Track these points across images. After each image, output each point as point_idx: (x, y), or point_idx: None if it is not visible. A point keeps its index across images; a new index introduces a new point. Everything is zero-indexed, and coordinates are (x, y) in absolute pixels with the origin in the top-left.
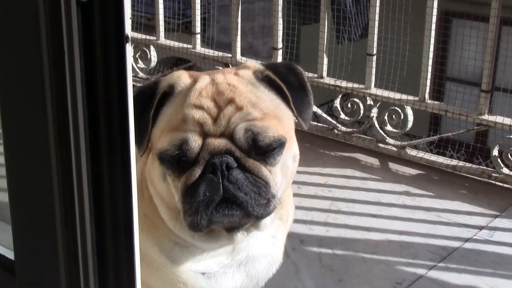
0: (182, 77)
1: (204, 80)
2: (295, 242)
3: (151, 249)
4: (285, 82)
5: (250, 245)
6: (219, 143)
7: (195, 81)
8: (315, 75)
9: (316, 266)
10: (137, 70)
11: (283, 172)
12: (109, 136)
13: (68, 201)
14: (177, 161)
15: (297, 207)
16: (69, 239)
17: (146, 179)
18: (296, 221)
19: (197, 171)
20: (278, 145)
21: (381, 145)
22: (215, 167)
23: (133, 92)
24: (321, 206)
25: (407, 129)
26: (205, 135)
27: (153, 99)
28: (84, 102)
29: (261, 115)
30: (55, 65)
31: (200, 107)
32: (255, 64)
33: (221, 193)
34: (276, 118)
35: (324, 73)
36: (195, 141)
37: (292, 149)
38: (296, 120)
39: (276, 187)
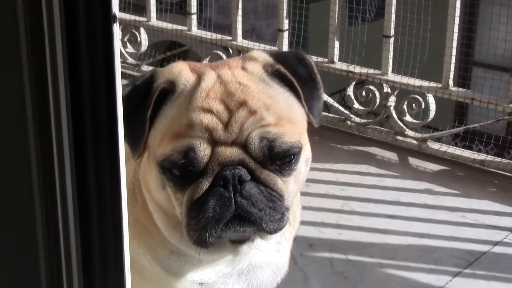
0: (184, 73)
1: (210, 77)
2: (303, 246)
3: (143, 257)
4: (296, 75)
5: (253, 253)
6: (231, 152)
7: (199, 78)
8: (326, 60)
9: (327, 273)
10: (126, 55)
11: (296, 179)
12: (95, 131)
13: (50, 204)
14: (181, 171)
15: (306, 208)
16: (51, 245)
17: (140, 182)
18: (304, 223)
19: (205, 184)
20: (295, 153)
21: (399, 137)
22: (227, 181)
23: (127, 87)
24: (332, 206)
25: (429, 119)
26: (214, 142)
27: (150, 96)
28: (67, 91)
29: (275, 120)
30: (33, 48)
31: (208, 111)
32: (263, 55)
33: (233, 210)
34: (291, 120)
35: (336, 58)
36: (203, 150)
37: (305, 152)
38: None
39: (289, 197)
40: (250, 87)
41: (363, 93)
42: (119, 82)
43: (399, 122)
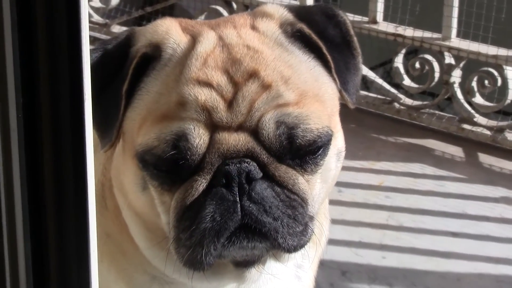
0: (172, 32)
1: (208, 39)
2: (334, 274)
3: (115, 285)
4: (324, 38)
5: (263, 281)
6: (236, 140)
7: (193, 40)
8: (365, 19)
9: None
10: (90, 11)
11: (323, 178)
12: (54, 114)
13: None
14: (169, 165)
15: (337, 222)
16: None
17: (111, 182)
18: (335, 242)
19: (201, 183)
20: (323, 144)
21: (466, 126)
22: (230, 178)
23: (94, 52)
24: (373, 220)
25: (508, 101)
26: (214, 127)
27: (127, 65)
28: (16, 57)
29: (297, 97)
30: None
31: (206, 84)
32: (280, 11)
33: (239, 218)
34: (317, 98)
35: (379, 16)
36: (198, 136)
37: (336, 143)
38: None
39: (315, 202)
40: (263, 52)
41: (417, 65)
42: (86, 46)
43: (466, 105)
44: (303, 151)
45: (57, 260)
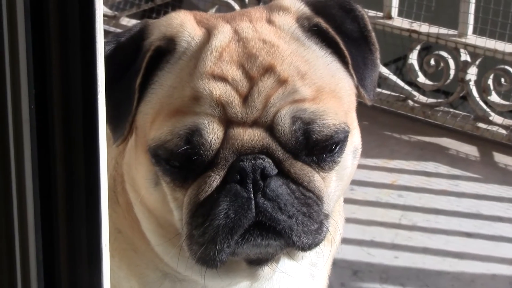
0: (187, 26)
1: (223, 33)
2: (345, 273)
3: (126, 282)
4: (341, 32)
5: (277, 279)
6: (251, 136)
7: (208, 34)
8: (380, 15)
9: None
10: None
11: (339, 175)
12: (66, 107)
13: (3, 211)
14: (182, 161)
15: (350, 220)
16: (2, 270)
17: (123, 178)
18: (345, 241)
19: (215, 179)
20: (339, 140)
21: (482, 125)
22: (245, 174)
23: (107, 45)
24: (386, 219)
25: None
26: (228, 122)
27: (140, 58)
28: (29, 50)
29: (313, 93)
30: None
31: (221, 78)
32: (296, 4)
33: (253, 215)
34: (334, 94)
35: (394, 12)
36: (213, 132)
37: (352, 139)
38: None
39: (330, 200)
40: (279, 47)
41: (432, 62)
42: (100, 37)
43: (481, 103)
44: (320, 147)
45: (68, 258)
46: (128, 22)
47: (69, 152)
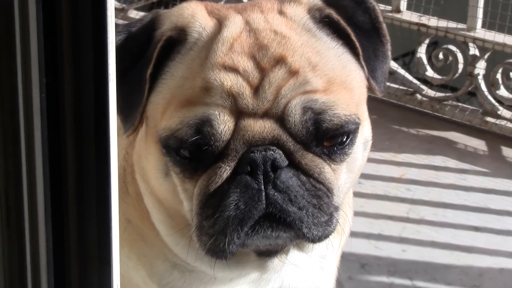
0: (198, 16)
1: (235, 23)
2: (353, 266)
3: (135, 272)
4: (353, 24)
5: (286, 271)
6: (262, 127)
7: (220, 24)
8: (388, 8)
9: None
10: None
11: (349, 167)
12: (77, 98)
13: (13, 196)
14: (193, 151)
15: (357, 214)
16: (12, 259)
17: (133, 168)
18: (353, 234)
19: (226, 170)
20: (350, 131)
21: (490, 119)
22: (255, 166)
23: (118, 35)
24: (394, 212)
25: None
26: (239, 113)
27: (151, 48)
28: (40, 40)
29: (324, 84)
30: None
31: (232, 69)
32: None
33: (264, 207)
34: (345, 86)
35: (403, 5)
36: (223, 122)
37: (363, 131)
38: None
39: (340, 192)
40: (291, 38)
41: (440, 56)
42: (112, 25)
43: (490, 97)
44: (330, 138)
45: (78, 248)
46: (136, 14)
47: (80, 140)
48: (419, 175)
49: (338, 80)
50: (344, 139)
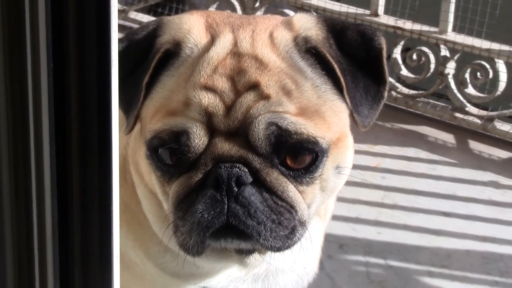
0: (193, 32)
1: (223, 44)
2: (332, 247)
3: (133, 251)
4: (348, 56)
5: (272, 254)
6: (231, 146)
7: (212, 40)
8: (367, 12)
9: (361, 282)
10: None
11: (322, 187)
12: (81, 97)
13: (22, 177)
14: (169, 158)
15: (337, 199)
16: (20, 233)
17: (129, 159)
18: (334, 217)
19: (194, 180)
20: (314, 151)
21: (458, 115)
22: (221, 181)
23: (121, 42)
24: (370, 198)
25: (498, 93)
26: (213, 130)
27: (150, 58)
28: (49, 42)
29: (297, 110)
30: None
31: (211, 89)
32: (302, 22)
33: (225, 218)
34: (318, 113)
35: (380, 9)
36: (198, 137)
37: (336, 157)
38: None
39: (308, 209)
40: (269, 64)
41: (414, 56)
42: (115, 34)
43: (458, 95)
44: (292, 153)
45: (81, 225)
46: (136, 16)
47: (83, 118)
48: (393, 164)
49: (312, 108)
50: (308, 161)
